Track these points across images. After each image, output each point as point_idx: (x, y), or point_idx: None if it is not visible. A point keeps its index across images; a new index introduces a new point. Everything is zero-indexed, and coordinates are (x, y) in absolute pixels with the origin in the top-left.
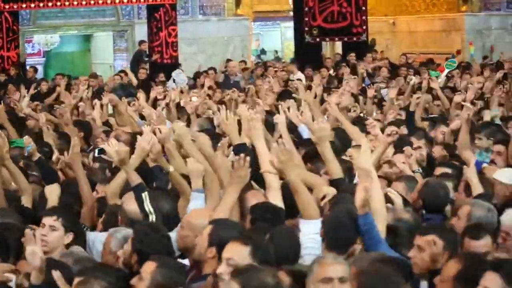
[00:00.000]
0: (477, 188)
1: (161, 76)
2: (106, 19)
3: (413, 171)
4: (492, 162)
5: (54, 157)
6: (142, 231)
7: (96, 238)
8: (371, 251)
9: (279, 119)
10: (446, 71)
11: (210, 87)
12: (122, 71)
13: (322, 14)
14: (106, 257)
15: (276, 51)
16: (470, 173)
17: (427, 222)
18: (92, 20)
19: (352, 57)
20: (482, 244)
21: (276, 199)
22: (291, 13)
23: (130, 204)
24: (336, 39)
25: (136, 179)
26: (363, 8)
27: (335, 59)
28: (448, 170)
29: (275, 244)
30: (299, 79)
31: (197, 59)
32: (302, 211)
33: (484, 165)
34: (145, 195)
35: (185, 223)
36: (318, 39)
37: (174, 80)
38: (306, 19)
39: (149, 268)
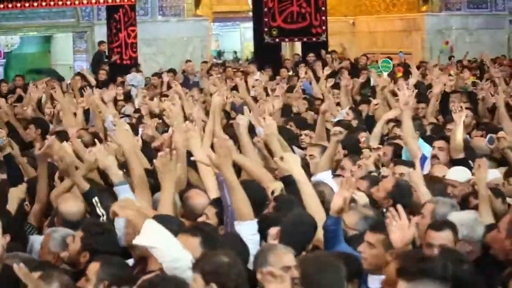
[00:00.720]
0: (426, 195)
1: (123, 78)
2: (66, 20)
3: (370, 172)
4: (434, 157)
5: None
6: (92, 229)
7: (36, 241)
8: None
9: (242, 120)
10: (385, 73)
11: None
12: (79, 73)
13: (282, 15)
14: (44, 256)
15: (235, 52)
16: (416, 179)
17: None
18: (52, 21)
19: (311, 57)
20: (442, 236)
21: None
22: (251, 14)
23: (65, 206)
24: (296, 39)
25: (85, 186)
26: (323, 8)
27: (294, 60)
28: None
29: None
30: (257, 80)
31: (156, 60)
32: (237, 211)
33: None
34: (95, 201)
35: (127, 221)
36: (277, 40)
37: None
38: (266, 19)
39: (93, 268)
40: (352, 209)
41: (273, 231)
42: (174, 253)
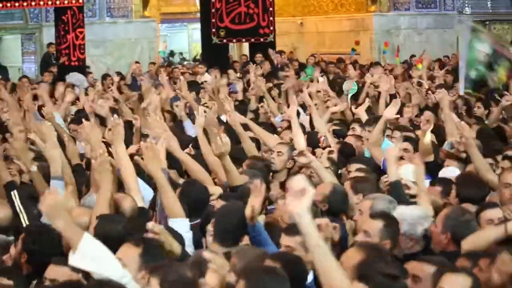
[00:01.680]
0: (327, 177)
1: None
2: (14, 22)
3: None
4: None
5: None
6: (33, 231)
7: None
8: None
9: (199, 120)
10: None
11: (119, 89)
12: (25, 76)
13: (230, 16)
14: None
15: (181, 53)
16: (314, 164)
17: None
18: (0, 23)
19: (258, 58)
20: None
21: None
22: (199, 15)
23: None
24: (243, 40)
25: (7, 177)
26: (270, 9)
27: (241, 61)
28: (362, 166)
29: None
30: (205, 81)
31: (104, 61)
32: (168, 210)
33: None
34: (14, 194)
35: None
36: (225, 41)
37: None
38: (213, 20)
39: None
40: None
41: (210, 227)
42: (112, 274)
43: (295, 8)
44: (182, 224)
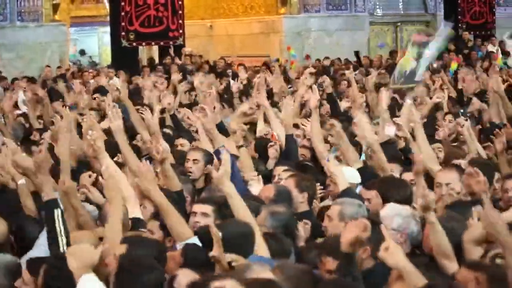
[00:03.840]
0: (343, 183)
1: None
2: None
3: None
4: (337, 158)
5: None
6: (55, 266)
7: None
8: None
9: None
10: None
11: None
12: None
13: (139, 19)
14: None
15: (90, 56)
16: (332, 168)
17: None
18: None
19: (168, 60)
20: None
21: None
22: (109, 18)
23: None
24: (153, 43)
25: (51, 193)
26: (180, 12)
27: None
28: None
29: None
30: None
31: (16, 65)
32: (174, 233)
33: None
34: (57, 213)
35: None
36: (134, 44)
37: None
38: (123, 23)
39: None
40: (264, 206)
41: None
42: None
43: (205, 11)
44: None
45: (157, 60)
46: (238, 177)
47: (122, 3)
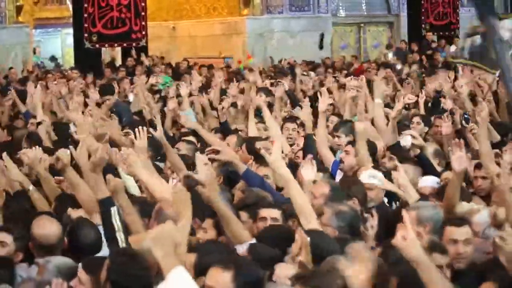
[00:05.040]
0: (414, 195)
1: None
2: None
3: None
4: (341, 161)
5: None
6: (119, 261)
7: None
8: None
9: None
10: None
11: None
12: None
13: (102, 20)
14: None
15: (56, 58)
16: (402, 180)
17: None
18: None
19: (130, 61)
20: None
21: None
22: (72, 20)
23: (39, 229)
24: (116, 45)
25: (106, 191)
26: (143, 13)
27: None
28: None
29: None
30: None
31: None
32: (234, 236)
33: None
34: (114, 210)
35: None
36: (97, 45)
37: None
38: (86, 25)
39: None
40: (326, 205)
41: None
42: None
43: (168, 13)
44: None
45: (120, 62)
46: (268, 187)
47: (85, 5)
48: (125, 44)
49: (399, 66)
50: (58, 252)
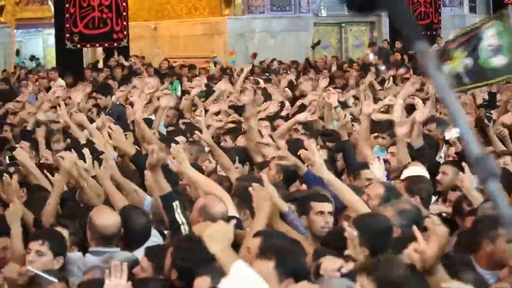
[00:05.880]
0: (477, 197)
1: None
2: None
3: None
4: (386, 161)
5: None
6: (184, 247)
7: (74, 258)
8: None
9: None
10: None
11: None
12: None
13: (83, 21)
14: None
15: (38, 58)
16: (467, 184)
17: None
18: None
19: (113, 62)
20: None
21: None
22: (53, 20)
23: (100, 219)
24: (97, 45)
25: (166, 187)
26: (124, 13)
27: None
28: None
29: None
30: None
31: None
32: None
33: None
34: (176, 205)
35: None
36: (79, 46)
37: None
38: (67, 25)
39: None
40: (389, 205)
41: None
42: None
43: (149, 13)
44: None
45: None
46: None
47: (67, 5)
48: (106, 44)
49: (383, 67)
50: (117, 241)
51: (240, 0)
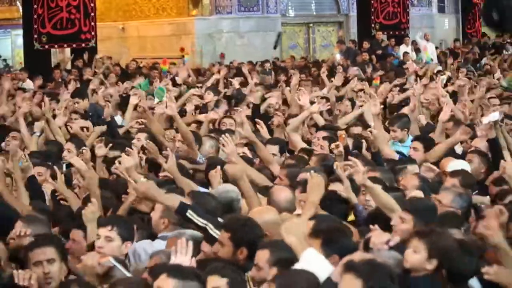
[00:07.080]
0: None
1: None
2: None
3: None
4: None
5: None
6: (240, 227)
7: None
8: None
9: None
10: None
11: None
12: None
13: (51, 21)
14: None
15: (5, 59)
16: (510, 170)
17: None
18: None
19: (79, 62)
20: None
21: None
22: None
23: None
24: (65, 46)
25: (175, 202)
26: (92, 14)
27: (65, 65)
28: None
29: None
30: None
31: None
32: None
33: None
34: (189, 213)
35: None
36: (47, 46)
37: None
38: (35, 26)
39: (264, 256)
40: (446, 189)
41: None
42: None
43: (117, 13)
44: None
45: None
46: None
47: (35, 6)
48: (74, 45)
49: (354, 68)
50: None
51: (207, 1)
